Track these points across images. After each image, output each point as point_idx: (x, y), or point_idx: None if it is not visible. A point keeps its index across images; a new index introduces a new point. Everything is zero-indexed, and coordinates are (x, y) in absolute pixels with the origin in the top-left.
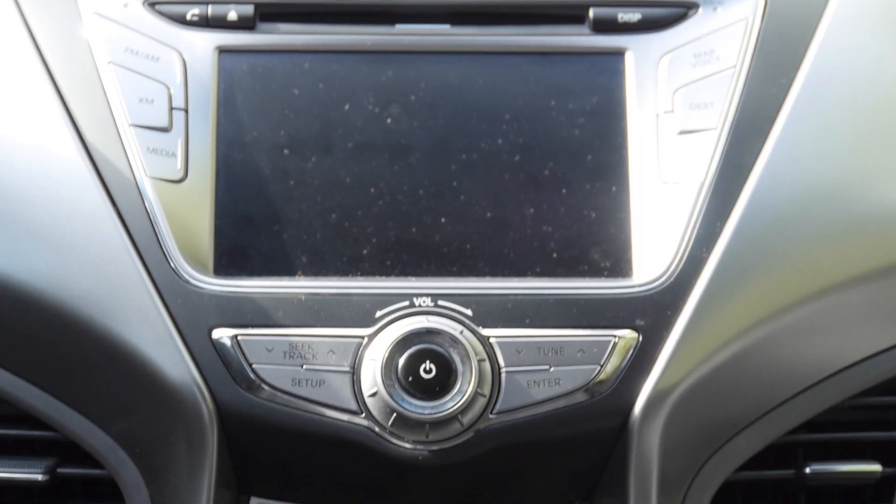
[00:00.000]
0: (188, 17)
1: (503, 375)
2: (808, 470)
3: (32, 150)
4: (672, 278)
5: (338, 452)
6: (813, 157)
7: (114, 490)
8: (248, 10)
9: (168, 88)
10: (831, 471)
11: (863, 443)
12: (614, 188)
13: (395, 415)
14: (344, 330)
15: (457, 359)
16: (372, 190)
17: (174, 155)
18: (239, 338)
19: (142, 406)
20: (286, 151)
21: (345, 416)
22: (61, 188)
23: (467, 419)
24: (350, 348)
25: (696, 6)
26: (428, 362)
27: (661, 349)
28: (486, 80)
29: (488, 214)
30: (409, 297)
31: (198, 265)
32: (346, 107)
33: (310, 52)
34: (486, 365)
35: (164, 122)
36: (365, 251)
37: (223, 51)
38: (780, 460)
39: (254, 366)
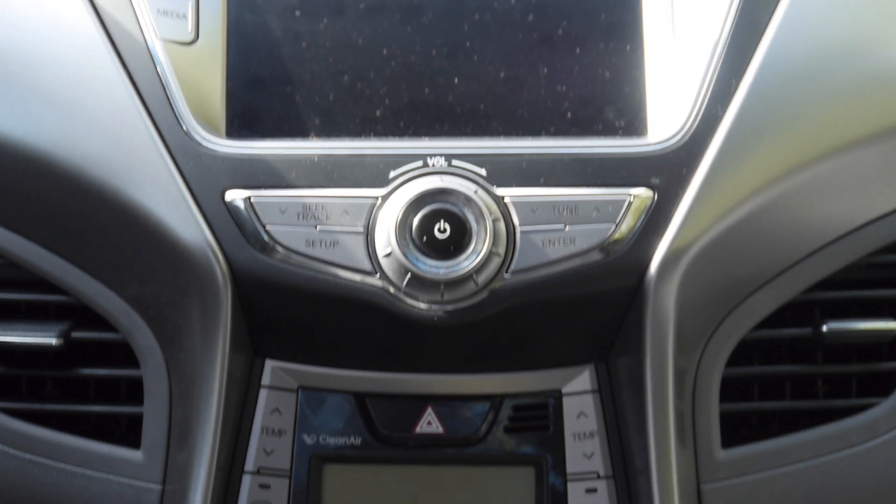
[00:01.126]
0: None
1: (518, 235)
2: (825, 328)
3: (42, 14)
4: (687, 136)
5: (352, 314)
6: (829, 14)
7: (128, 354)
8: None
9: None
10: (848, 329)
11: (880, 301)
12: (628, 46)
13: (409, 275)
14: (357, 190)
15: (471, 218)
16: (384, 51)
17: (185, 16)
18: (252, 199)
19: (155, 269)
20: (298, 13)
21: (359, 277)
22: (72, 52)
23: (482, 279)
24: (364, 209)
25: None
26: (442, 222)
27: (676, 207)
28: None
29: (502, 74)
30: (423, 157)
31: (210, 127)
32: None
33: None
34: (501, 224)
35: None
36: (378, 112)
37: None
38: (797, 319)
39: (267, 227)
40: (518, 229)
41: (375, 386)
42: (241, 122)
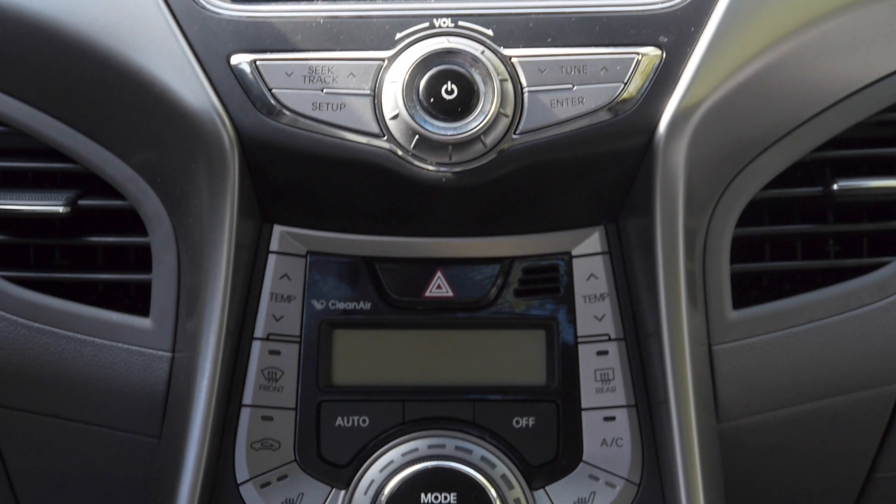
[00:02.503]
0: None
1: (526, 95)
2: (835, 186)
3: None
4: None
5: (360, 177)
6: None
7: (135, 222)
8: None
9: None
10: (859, 186)
11: (891, 158)
12: None
13: (417, 136)
14: (363, 53)
15: (478, 79)
16: None
17: None
18: (258, 62)
19: (161, 135)
20: None
21: (366, 140)
22: None
23: (490, 139)
24: (370, 71)
25: None
26: (449, 83)
27: (684, 66)
28: None
29: None
30: (429, 17)
31: None
32: None
33: None
34: (509, 85)
35: None
36: None
37: None
38: (807, 179)
39: (273, 90)
40: (526, 90)
41: (384, 250)
42: None
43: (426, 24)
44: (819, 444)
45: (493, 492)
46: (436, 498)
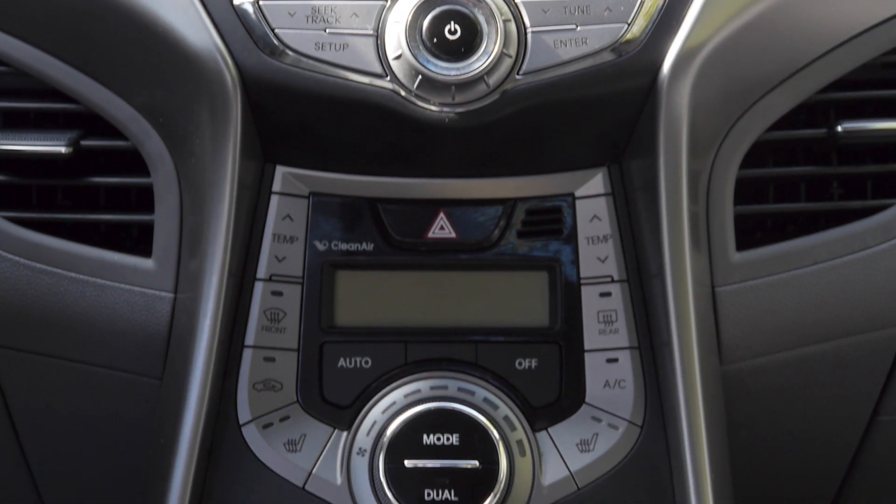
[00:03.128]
0: None
1: (529, 35)
2: (839, 128)
3: None
4: None
5: (362, 117)
6: None
7: (138, 163)
8: None
9: None
10: (863, 128)
11: (895, 101)
12: None
13: (420, 77)
14: None
15: (482, 19)
16: None
17: None
18: (260, 3)
19: (164, 75)
20: None
21: (369, 80)
22: None
23: (493, 80)
24: (373, 11)
25: None
26: (452, 23)
27: (688, 6)
28: None
29: None
30: None
31: None
32: None
33: None
34: (512, 25)
35: None
36: None
37: None
38: (811, 121)
39: (276, 31)
40: (529, 30)
41: (387, 191)
42: None
43: None
44: (822, 386)
45: (495, 433)
46: (438, 439)
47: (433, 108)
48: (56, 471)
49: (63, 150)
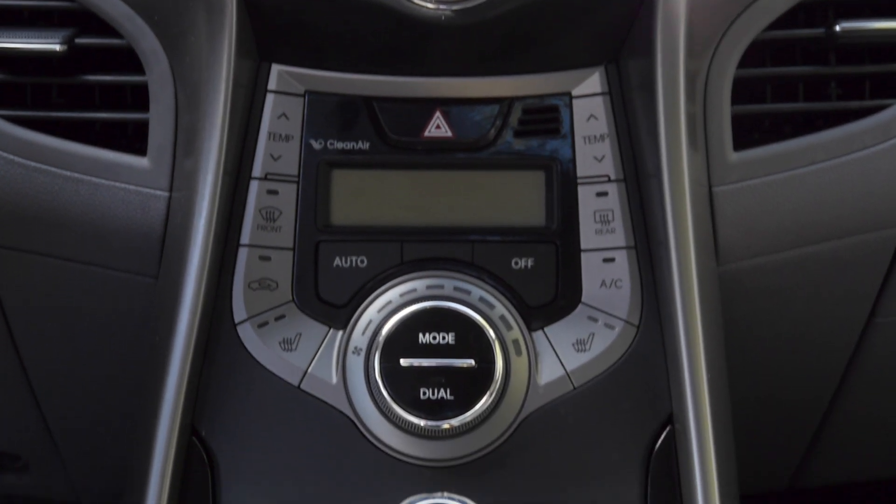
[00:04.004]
0: None
1: None
2: (837, 28)
3: None
4: None
5: (358, 14)
6: None
7: (133, 62)
8: None
9: None
10: (861, 28)
11: (893, 1)
12: None
13: None
14: None
15: None
16: None
17: None
18: None
19: None
20: None
21: None
22: None
23: None
24: None
25: None
26: None
27: None
28: None
29: None
30: None
31: None
32: None
33: None
34: None
35: None
36: None
37: None
38: (810, 20)
39: None
40: None
41: (384, 89)
42: None
43: None
44: (819, 287)
45: (491, 332)
46: (433, 338)
47: (429, 5)
48: (50, 369)
49: (58, 48)
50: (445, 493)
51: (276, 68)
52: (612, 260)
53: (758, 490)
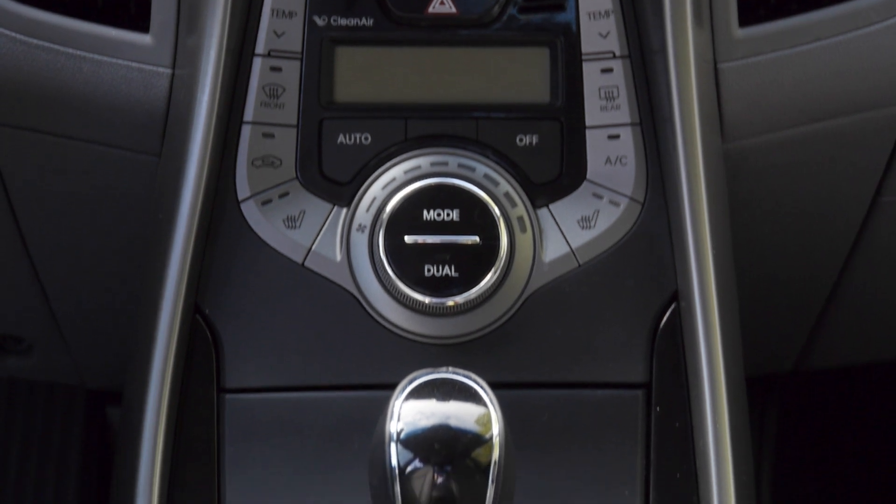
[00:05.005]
0: None
1: None
2: None
3: None
4: None
5: None
6: None
7: None
8: None
9: None
10: None
11: None
12: None
13: None
14: None
15: None
16: None
17: None
18: None
19: None
20: None
21: None
22: None
23: None
24: None
25: None
26: None
27: None
28: None
29: None
30: None
31: None
32: None
33: None
34: None
35: None
36: None
37: None
38: None
39: None
40: None
41: None
42: None
43: None
44: (825, 165)
45: (495, 209)
46: (438, 215)
47: None
48: (53, 250)
49: None
50: (450, 369)
51: None
52: (616, 137)
53: (763, 373)
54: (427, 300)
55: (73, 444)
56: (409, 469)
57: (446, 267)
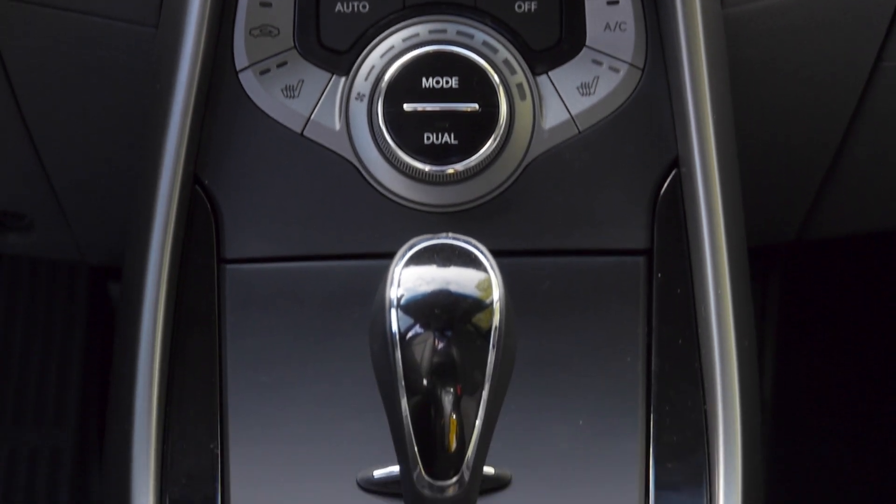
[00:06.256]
0: None
1: None
2: None
3: None
4: None
5: None
6: None
7: None
8: None
9: None
10: None
11: None
12: None
13: None
14: None
15: None
16: None
17: None
18: None
19: None
20: None
21: None
22: None
23: None
24: None
25: None
26: None
27: None
28: None
29: None
30: None
31: None
32: None
33: None
34: None
35: None
36: None
37: None
38: None
39: None
40: None
41: None
42: None
43: None
44: (825, 29)
45: (495, 76)
46: (437, 82)
47: None
48: (52, 124)
49: None
50: (450, 234)
51: None
52: (615, 2)
53: (765, 243)
54: (427, 168)
55: (77, 321)
56: (409, 335)
57: (446, 135)
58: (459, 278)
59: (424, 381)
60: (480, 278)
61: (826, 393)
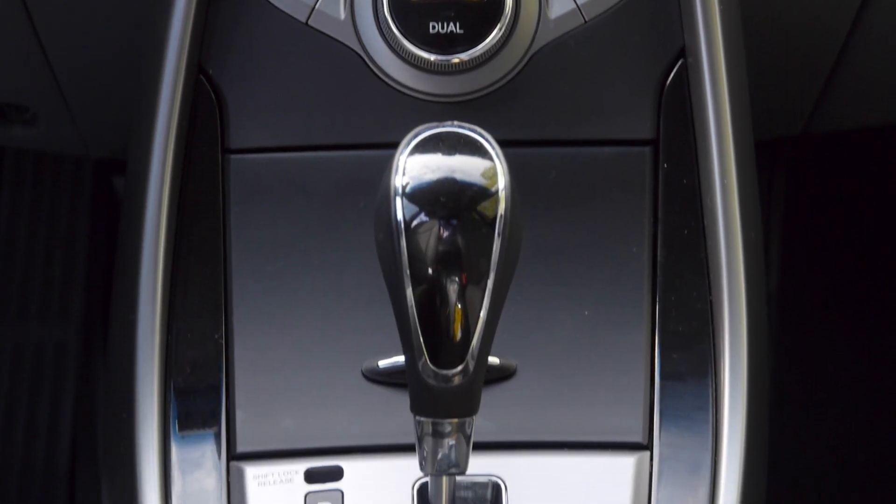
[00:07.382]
0: None
1: None
2: None
3: None
4: None
5: None
6: None
7: None
8: None
9: None
10: None
11: None
12: None
13: None
14: None
15: None
16: None
17: None
18: None
19: None
20: None
21: None
22: None
23: None
24: None
25: None
26: None
27: None
28: None
29: None
30: None
31: None
32: None
33: None
34: None
35: None
36: None
37: None
38: None
39: None
40: None
41: None
42: None
43: None
44: None
45: None
46: None
47: None
48: (55, 13)
49: None
50: (455, 123)
51: None
52: None
53: (772, 137)
54: (432, 58)
55: (82, 215)
56: (414, 223)
57: (451, 24)
58: (465, 166)
59: (430, 270)
60: (486, 166)
61: (831, 285)
